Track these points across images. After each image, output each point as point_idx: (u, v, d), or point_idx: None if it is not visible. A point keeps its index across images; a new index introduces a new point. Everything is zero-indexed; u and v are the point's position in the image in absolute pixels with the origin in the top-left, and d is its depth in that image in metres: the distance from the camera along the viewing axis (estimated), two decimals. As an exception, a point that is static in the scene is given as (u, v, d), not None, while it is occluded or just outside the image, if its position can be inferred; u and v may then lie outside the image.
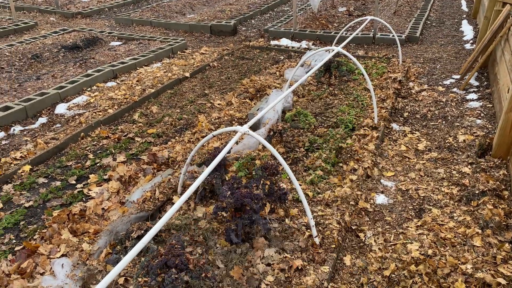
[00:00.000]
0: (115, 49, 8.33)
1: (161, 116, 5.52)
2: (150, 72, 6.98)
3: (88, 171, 4.34)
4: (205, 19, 10.18)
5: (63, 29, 9.45)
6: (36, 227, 3.51)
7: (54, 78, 6.84)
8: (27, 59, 7.66)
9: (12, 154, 4.52)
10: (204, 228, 3.21)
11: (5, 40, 8.95)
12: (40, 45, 8.39)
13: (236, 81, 6.59)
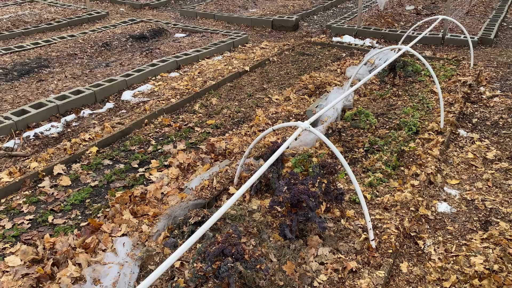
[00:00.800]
0: (179, 40, 8.58)
1: (220, 108, 5.61)
2: (212, 64, 7.12)
3: (150, 156, 4.51)
4: (267, 13, 10.20)
5: (132, 20, 9.87)
6: (100, 206, 3.70)
7: (121, 66, 7.17)
8: (98, 46, 8.09)
9: (82, 136, 4.80)
10: (258, 220, 3.22)
11: (79, 28, 9.51)
12: (110, 34, 8.83)
13: (295, 77, 6.55)
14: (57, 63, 7.30)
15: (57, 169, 4.18)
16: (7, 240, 3.29)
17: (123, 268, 2.70)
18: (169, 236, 3.10)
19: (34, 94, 6.00)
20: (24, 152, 4.63)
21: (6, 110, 5.50)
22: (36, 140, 4.90)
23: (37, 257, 3.04)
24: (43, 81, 6.50)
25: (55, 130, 5.12)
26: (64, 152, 4.46)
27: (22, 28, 9.07)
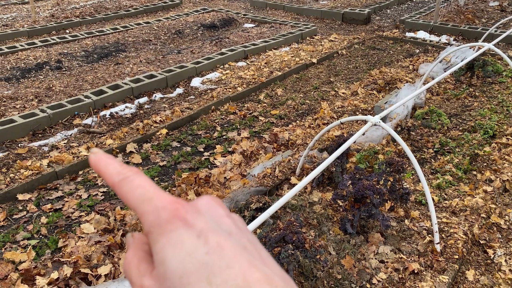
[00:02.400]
0: (248, 30, 8.68)
1: (285, 99, 5.63)
2: (278, 55, 7.14)
3: (215, 141, 4.65)
4: (338, 6, 10.00)
5: (204, 9, 10.14)
6: (167, 185, 3.89)
7: (192, 54, 7.42)
8: (171, 34, 8.42)
9: (153, 118, 5.05)
10: (318, 212, 3.22)
11: (154, 16, 9.94)
12: (183, 22, 9.14)
13: (364, 71, 6.39)
14: (133, 48, 7.70)
15: (129, 147, 4.44)
16: (83, 209, 3.57)
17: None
18: (230, 219, 3.19)
19: (112, 76, 6.39)
20: (100, 129, 4.97)
21: (86, 89, 5.92)
22: (112, 119, 5.22)
23: (108, 227, 3.27)
24: (120, 64, 6.89)
25: (129, 111, 5.43)
26: (136, 132, 4.72)
27: (103, 14, 9.66)
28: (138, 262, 0.38)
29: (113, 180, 0.39)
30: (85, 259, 2.86)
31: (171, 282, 0.34)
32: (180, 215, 0.36)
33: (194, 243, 0.35)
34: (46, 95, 5.76)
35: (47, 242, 3.16)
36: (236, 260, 0.34)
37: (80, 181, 3.96)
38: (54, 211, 3.55)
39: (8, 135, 4.66)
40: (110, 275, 2.72)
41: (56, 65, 6.80)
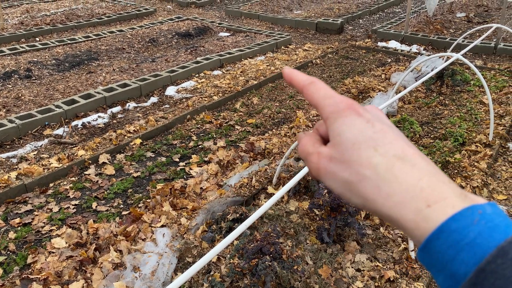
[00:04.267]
0: (223, 39, 8.69)
1: (261, 107, 5.64)
2: (254, 64, 7.16)
3: (190, 151, 4.60)
4: (311, 16, 10.15)
5: (178, 17, 10.09)
6: (141, 196, 3.81)
7: (167, 62, 7.35)
8: (145, 42, 8.33)
9: (127, 127, 4.96)
10: (295, 222, 3.22)
11: (127, 24, 9.83)
12: (157, 30, 9.06)
13: (338, 81, 6.48)
14: (106, 56, 7.58)
15: (102, 158, 4.34)
16: (54, 222, 3.45)
17: (162, 258, 2.77)
18: (207, 230, 3.15)
19: (84, 85, 6.25)
20: (72, 140, 4.84)
21: (58, 99, 5.77)
22: (84, 129, 5.10)
23: (81, 241, 3.17)
24: (92, 73, 6.76)
25: (101, 120, 5.32)
26: (109, 142, 4.62)
27: (75, 22, 9.48)
28: (313, 143, 0.50)
29: (304, 83, 0.51)
30: (56, 275, 2.76)
31: (345, 146, 0.45)
32: (353, 107, 0.47)
33: (364, 125, 0.45)
34: (15, 104, 5.58)
35: (15, 259, 3.04)
36: (396, 141, 0.44)
37: (50, 193, 3.83)
38: (23, 225, 3.42)
39: (-27, 147, 4.48)
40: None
41: (26, 74, 6.61)
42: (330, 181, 0.47)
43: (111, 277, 2.69)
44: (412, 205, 0.41)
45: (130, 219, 3.42)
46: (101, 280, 2.69)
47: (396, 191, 0.42)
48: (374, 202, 0.43)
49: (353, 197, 0.46)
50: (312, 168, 0.49)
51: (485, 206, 0.39)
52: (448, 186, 0.42)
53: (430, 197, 0.41)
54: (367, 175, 0.43)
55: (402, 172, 0.42)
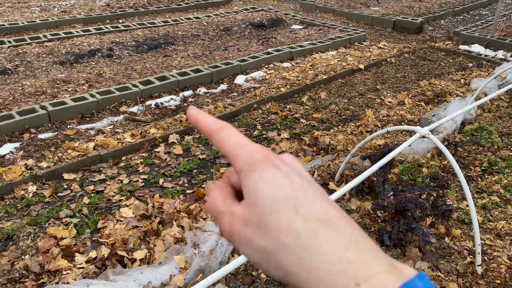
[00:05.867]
0: (296, 32, 8.65)
1: (328, 103, 5.56)
2: (325, 59, 7.07)
3: (254, 140, 4.66)
4: (389, 13, 9.78)
5: (253, 7, 10.20)
6: (205, 178, 3.94)
7: (238, 51, 7.47)
8: (219, 30, 8.52)
9: (196, 111, 5.12)
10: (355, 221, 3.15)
11: (204, 11, 10.10)
12: (232, 19, 9.23)
13: (413, 81, 6.21)
14: (181, 41, 7.86)
15: (172, 138, 4.53)
16: (123, 193, 3.67)
17: (221, 238, 2.85)
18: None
19: (159, 68, 6.55)
20: (145, 118, 5.10)
21: (135, 78, 6.09)
22: (156, 109, 5.35)
23: (146, 213, 3.35)
24: (168, 57, 7.05)
25: (173, 102, 5.54)
26: (179, 124, 4.81)
27: (156, 6, 9.92)
28: (224, 198, 0.44)
29: (211, 129, 0.46)
30: (122, 242, 2.95)
31: (262, 207, 0.40)
32: (270, 159, 0.43)
33: (283, 180, 0.41)
34: (97, 81, 5.97)
35: (87, 222, 3.28)
36: (318, 200, 0.41)
37: (122, 166, 4.08)
38: (96, 192, 3.68)
39: (58, 116, 4.87)
40: (145, 260, 2.78)
41: (108, 53, 7.04)
42: (245, 248, 0.42)
43: (171, 250, 2.82)
44: (340, 282, 0.37)
45: (193, 198, 3.55)
46: (162, 252, 2.82)
47: (320, 264, 0.37)
48: (296, 276, 0.38)
49: (271, 268, 0.40)
50: (223, 230, 0.43)
51: (416, 282, 0.36)
52: (377, 256, 0.38)
53: (359, 273, 0.37)
54: (287, 243, 0.38)
55: (326, 240, 0.38)
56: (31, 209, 3.42)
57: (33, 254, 2.91)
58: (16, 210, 3.40)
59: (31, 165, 3.88)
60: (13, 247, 2.99)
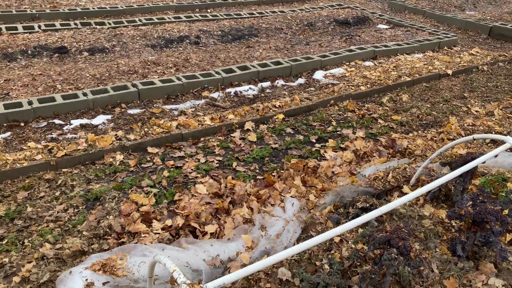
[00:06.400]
0: (381, 31, 8.42)
1: (410, 106, 5.37)
2: (410, 61, 6.81)
3: (328, 135, 4.66)
4: (486, 18, 9.14)
5: (339, 4, 10.07)
6: (276, 166, 4.03)
7: (320, 47, 7.45)
8: (303, 25, 8.55)
9: (273, 102, 5.22)
10: (427, 227, 3.05)
11: (289, 6, 10.17)
12: (316, 15, 9.20)
13: (506, 92, 5.78)
14: (264, 34, 8.01)
15: (247, 125, 4.68)
16: (199, 171, 3.88)
17: (288, 224, 2.92)
18: (333, 212, 3.20)
19: (242, 58, 6.74)
20: (224, 104, 5.30)
21: (218, 66, 6.34)
22: (235, 97, 5.53)
23: (219, 192, 3.51)
24: (251, 48, 7.23)
25: (251, 92, 5.70)
26: (256, 112, 4.94)
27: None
28: None
29: None
30: (195, 215, 3.13)
31: None
32: None
33: None
34: (183, 65, 6.31)
35: (165, 193, 3.52)
36: None
37: (200, 146, 4.30)
38: (175, 168, 3.92)
39: (147, 95, 5.24)
40: (215, 234, 2.94)
41: (195, 40, 7.39)
42: None
43: (240, 229, 2.94)
44: None
45: (263, 184, 3.66)
46: (231, 229, 2.96)
47: None
48: None
49: None
50: None
51: None
52: None
53: None
54: None
55: None
56: (117, 175, 3.74)
57: (116, 215, 3.20)
58: (104, 175, 3.74)
59: (120, 136, 4.23)
60: (99, 207, 3.31)
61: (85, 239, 2.93)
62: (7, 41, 6.40)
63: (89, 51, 6.54)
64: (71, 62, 6.18)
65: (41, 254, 2.77)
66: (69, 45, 6.57)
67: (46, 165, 3.68)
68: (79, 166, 3.82)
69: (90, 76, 5.61)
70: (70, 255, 2.78)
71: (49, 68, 5.84)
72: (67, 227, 3.06)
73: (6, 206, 3.22)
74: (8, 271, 2.65)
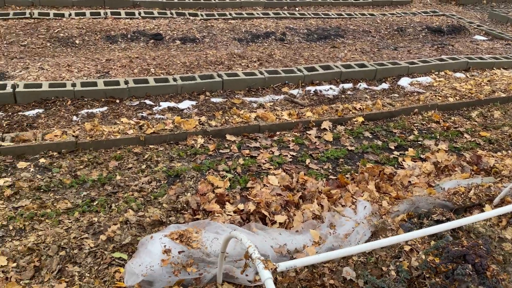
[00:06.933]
0: (477, 43, 7.91)
1: (501, 123, 5.02)
2: (507, 76, 6.34)
3: (408, 144, 4.51)
4: None
5: (434, 11, 9.61)
6: (350, 169, 4.00)
7: (408, 53, 7.19)
8: (392, 30, 8.30)
9: (354, 104, 5.17)
10: (507, 250, 2.86)
11: (379, 9, 9.90)
12: (407, 20, 8.87)
13: None
14: (351, 35, 7.90)
15: (325, 124, 4.68)
16: (272, 163, 3.98)
17: (358, 226, 2.91)
18: (406, 221, 3.12)
19: (325, 57, 6.73)
20: (303, 102, 5.35)
21: (300, 64, 6.39)
22: (314, 96, 5.56)
23: (290, 185, 3.58)
24: (336, 48, 7.19)
25: (331, 92, 5.68)
26: (334, 113, 4.93)
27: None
28: None
29: None
30: (265, 204, 3.23)
31: None
32: None
33: None
34: (267, 60, 6.45)
35: (239, 179, 3.66)
36: None
37: (275, 139, 4.39)
38: (250, 157, 4.06)
39: (230, 86, 5.45)
40: (283, 224, 3.01)
41: (280, 37, 7.51)
42: None
43: (308, 223, 2.99)
44: None
45: (336, 184, 3.66)
46: (300, 222, 3.01)
47: None
48: None
49: None
50: None
51: None
52: None
53: None
54: None
55: None
56: (197, 157, 3.96)
57: (193, 193, 3.40)
58: (185, 155, 3.98)
59: (203, 122, 4.47)
60: (179, 183, 3.53)
61: (164, 210, 3.17)
62: (111, 25, 7.00)
63: (181, 40, 6.93)
64: (164, 48, 6.60)
65: (125, 219, 3.04)
66: (164, 33, 7.02)
67: (136, 139, 4.00)
68: (164, 144, 4.10)
69: (180, 63, 5.96)
70: (150, 223, 3.02)
71: (145, 52, 6.29)
72: (149, 198, 3.32)
73: (99, 172, 3.56)
74: (97, 230, 2.95)
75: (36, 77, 5.10)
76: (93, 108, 4.64)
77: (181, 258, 2.41)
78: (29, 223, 2.96)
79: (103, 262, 2.69)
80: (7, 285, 2.47)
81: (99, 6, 7.94)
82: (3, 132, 3.98)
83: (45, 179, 3.40)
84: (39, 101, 4.61)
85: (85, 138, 3.86)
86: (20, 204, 3.12)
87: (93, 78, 5.24)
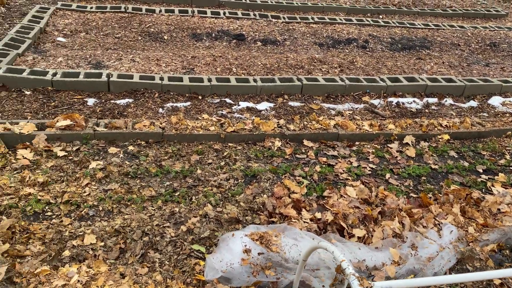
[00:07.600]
0: None
1: None
2: None
3: (499, 168, 4.19)
4: None
5: (533, 27, 8.87)
6: (433, 188, 3.79)
7: (501, 70, 6.70)
8: (484, 44, 7.78)
9: (440, 120, 4.90)
10: None
11: (470, 22, 9.33)
12: (502, 35, 8.26)
13: None
14: (438, 48, 7.52)
15: (407, 139, 4.49)
16: (351, 174, 3.88)
17: (443, 251, 2.75)
18: (496, 252, 2.89)
19: (410, 69, 6.46)
20: (383, 113, 5.17)
21: (383, 73, 6.19)
22: (396, 108, 5.35)
23: (369, 199, 3.47)
24: (421, 60, 6.87)
25: (415, 105, 5.43)
26: (419, 127, 4.70)
27: (419, 8, 9.69)
28: None
29: None
30: (342, 215, 3.15)
31: None
32: None
33: None
34: (348, 67, 6.32)
35: (315, 187, 3.62)
36: None
37: (355, 150, 4.28)
38: (327, 165, 3.99)
39: (309, 90, 5.40)
40: (362, 239, 2.92)
41: (362, 44, 7.33)
42: None
43: (388, 241, 2.87)
44: None
45: (417, 203, 3.48)
46: (379, 239, 2.90)
47: None
48: None
49: None
50: None
51: None
52: None
53: None
54: None
55: None
56: (274, 159, 3.97)
57: (269, 196, 3.41)
58: (262, 157, 4.01)
59: (281, 125, 4.47)
60: (256, 184, 3.56)
61: (241, 209, 3.21)
62: (197, 23, 7.26)
63: (263, 42, 7.01)
64: (246, 49, 6.72)
65: (204, 212, 3.12)
66: (246, 34, 7.14)
67: (217, 136, 4.10)
68: (242, 143, 4.16)
69: (261, 65, 6.03)
70: (227, 219, 3.07)
71: (227, 52, 6.45)
72: (227, 195, 3.39)
73: (181, 164, 3.70)
74: (178, 220, 3.05)
75: (128, 69, 5.42)
76: (178, 102, 4.83)
77: (260, 259, 2.42)
78: (116, 206, 3.14)
79: (182, 252, 2.78)
80: (95, 263, 2.64)
81: (187, 4, 8.27)
82: (97, 117, 4.26)
83: (133, 166, 3.59)
84: (130, 91, 4.89)
85: (171, 131, 4.02)
86: (109, 187, 3.32)
87: (179, 73, 5.46)
